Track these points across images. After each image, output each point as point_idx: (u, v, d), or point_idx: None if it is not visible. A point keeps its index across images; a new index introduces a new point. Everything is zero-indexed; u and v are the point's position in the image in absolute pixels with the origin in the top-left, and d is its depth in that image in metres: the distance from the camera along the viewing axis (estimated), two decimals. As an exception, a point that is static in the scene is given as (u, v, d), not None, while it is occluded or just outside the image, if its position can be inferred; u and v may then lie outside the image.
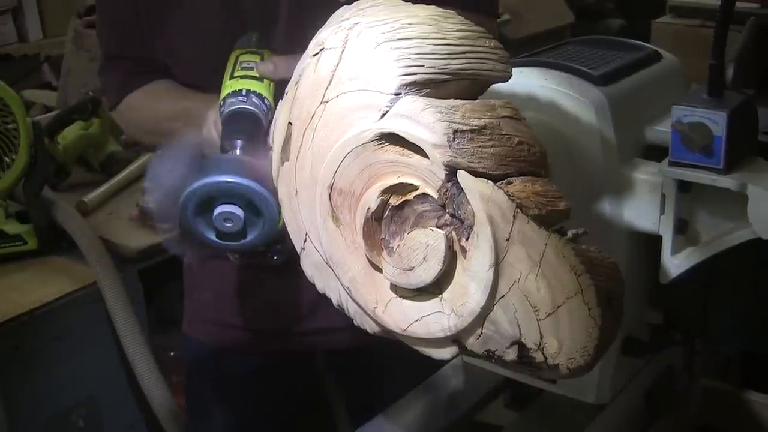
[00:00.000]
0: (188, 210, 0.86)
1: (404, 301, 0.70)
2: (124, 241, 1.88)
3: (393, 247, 0.68)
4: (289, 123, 0.72)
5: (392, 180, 0.67)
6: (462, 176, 0.64)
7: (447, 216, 0.66)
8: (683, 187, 0.92)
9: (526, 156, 0.67)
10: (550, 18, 3.13)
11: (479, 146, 0.65)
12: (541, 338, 0.65)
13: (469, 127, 0.65)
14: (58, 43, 3.04)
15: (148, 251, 1.87)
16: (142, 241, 1.88)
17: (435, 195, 0.66)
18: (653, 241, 0.96)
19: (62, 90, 2.60)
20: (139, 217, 1.94)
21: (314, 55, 0.71)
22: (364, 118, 0.67)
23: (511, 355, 0.66)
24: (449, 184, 0.65)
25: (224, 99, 0.98)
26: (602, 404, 1.02)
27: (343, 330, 1.26)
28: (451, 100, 0.66)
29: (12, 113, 1.83)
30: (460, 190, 0.64)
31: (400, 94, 0.66)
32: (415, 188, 0.67)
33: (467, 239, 0.65)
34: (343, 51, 0.68)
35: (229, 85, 0.99)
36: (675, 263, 0.95)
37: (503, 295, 0.65)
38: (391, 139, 0.66)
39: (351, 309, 0.75)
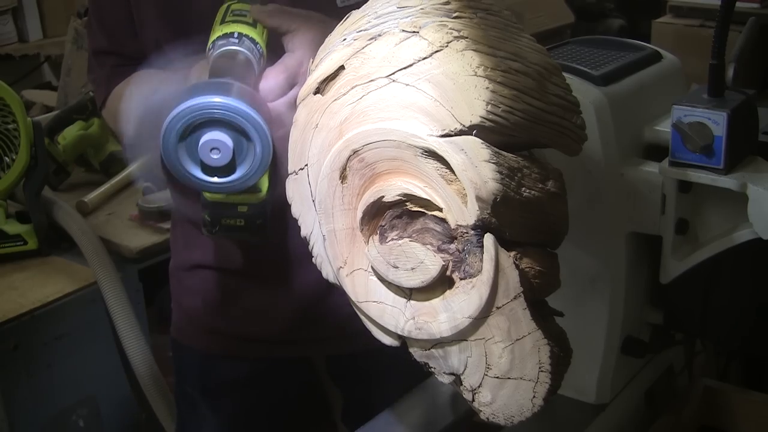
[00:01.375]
0: (171, 140, 0.75)
1: (372, 277, 0.70)
2: (124, 241, 1.88)
3: (387, 237, 0.69)
4: (342, 66, 0.70)
5: (421, 193, 0.67)
6: (488, 241, 0.65)
7: (452, 247, 0.67)
8: (683, 187, 0.92)
9: (551, 233, 0.69)
10: (550, 18, 3.13)
11: (518, 217, 0.66)
12: (479, 386, 0.69)
13: (519, 199, 0.65)
14: (58, 43, 3.05)
15: (148, 251, 1.87)
16: (142, 241, 1.88)
17: (452, 226, 0.66)
18: (653, 241, 0.96)
19: (62, 90, 2.60)
20: (139, 217, 1.94)
21: (404, 31, 0.67)
22: (424, 124, 0.65)
23: (446, 379, 0.71)
24: (472, 231, 0.65)
25: (214, 42, 0.90)
26: (602, 404, 1.02)
27: (335, 339, 1.26)
28: (512, 158, 0.65)
29: (12, 113, 1.83)
30: (480, 245, 0.65)
31: (473, 131, 0.64)
32: (438, 209, 0.67)
33: (462, 279, 0.66)
34: (436, 52, 0.65)
35: (219, 29, 0.91)
36: (675, 263, 0.95)
37: (466, 340, 0.68)
38: (441, 159, 0.65)
39: (316, 248, 0.75)
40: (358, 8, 0.74)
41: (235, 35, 0.90)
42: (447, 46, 0.65)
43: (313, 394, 1.39)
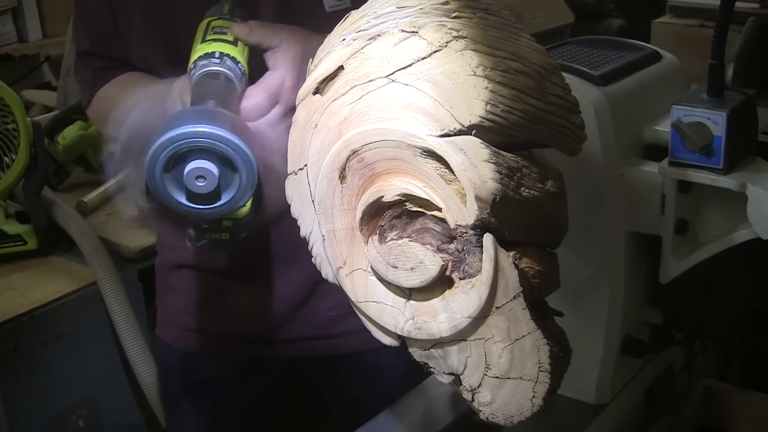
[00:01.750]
0: (156, 168, 0.76)
1: (372, 277, 0.70)
2: (124, 241, 1.88)
3: (386, 237, 0.69)
4: (342, 66, 0.69)
5: (420, 193, 0.67)
6: (488, 241, 0.65)
7: (452, 246, 0.67)
8: (683, 187, 0.92)
9: (551, 233, 0.69)
10: (550, 18, 3.13)
11: (517, 217, 0.66)
12: (479, 386, 0.69)
13: (518, 199, 0.65)
14: (58, 43, 3.04)
15: (147, 251, 1.86)
16: (142, 241, 1.88)
17: (452, 226, 0.66)
18: (653, 241, 0.96)
19: (62, 90, 2.60)
20: (139, 217, 1.94)
21: (403, 31, 0.67)
22: (423, 124, 0.65)
23: (445, 379, 0.71)
24: (471, 231, 0.65)
25: (195, 62, 0.90)
26: (602, 404, 1.02)
27: (319, 339, 1.26)
28: (512, 158, 0.65)
29: (12, 113, 1.83)
30: (479, 245, 0.65)
31: (472, 131, 0.64)
32: (438, 209, 0.67)
33: (461, 278, 0.66)
34: (436, 52, 0.65)
35: (200, 48, 0.91)
36: (675, 263, 0.95)
37: (466, 340, 0.68)
38: (440, 159, 0.65)
39: (316, 248, 0.75)
40: (344, 13, 0.73)
41: (217, 55, 0.90)
42: (446, 45, 0.65)
43: (300, 395, 1.38)
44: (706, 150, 0.88)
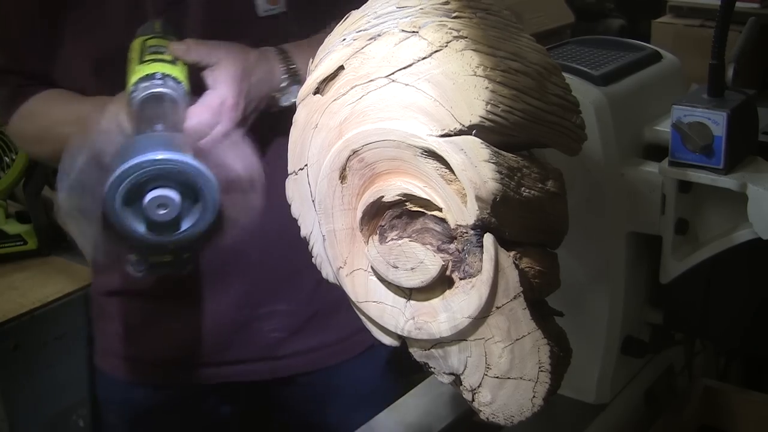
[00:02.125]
0: (116, 200, 0.73)
1: (372, 277, 0.70)
2: (124, 241, 1.87)
3: (386, 237, 0.69)
4: (342, 66, 0.70)
5: (420, 193, 0.67)
6: (488, 241, 0.65)
7: (452, 246, 0.67)
8: (683, 187, 0.92)
9: (551, 233, 0.69)
10: (550, 18, 3.13)
11: (518, 217, 0.66)
12: (479, 386, 0.69)
13: (518, 199, 0.65)
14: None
15: (148, 251, 1.86)
16: (142, 241, 1.87)
17: (452, 226, 0.66)
18: (653, 241, 0.96)
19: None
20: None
21: (403, 31, 0.67)
22: (423, 124, 0.65)
23: (446, 379, 0.71)
24: (472, 231, 0.65)
25: (136, 84, 0.87)
26: (602, 404, 1.02)
27: (260, 361, 1.23)
28: (512, 157, 0.65)
29: (12, 113, 1.82)
30: (480, 245, 0.65)
31: (473, 131, 0.64)
32: (438, 209, 0.67)
33: (461, 278, 0.67)
34: (436, 52, 0.65)
35: (140, 70, 0.88)
36: (675, 263, 0.95)
37: (466, 340, 0.68)
38: (441, 159, 0.65)
39: (316, 248, 0.75)
40: (278, 18, 0.73)
41: (158, 76, 0.88)
42: (446, 45, 0.65)
43: (246, 419, 1.34)
44: (707, 150, 0.88)
